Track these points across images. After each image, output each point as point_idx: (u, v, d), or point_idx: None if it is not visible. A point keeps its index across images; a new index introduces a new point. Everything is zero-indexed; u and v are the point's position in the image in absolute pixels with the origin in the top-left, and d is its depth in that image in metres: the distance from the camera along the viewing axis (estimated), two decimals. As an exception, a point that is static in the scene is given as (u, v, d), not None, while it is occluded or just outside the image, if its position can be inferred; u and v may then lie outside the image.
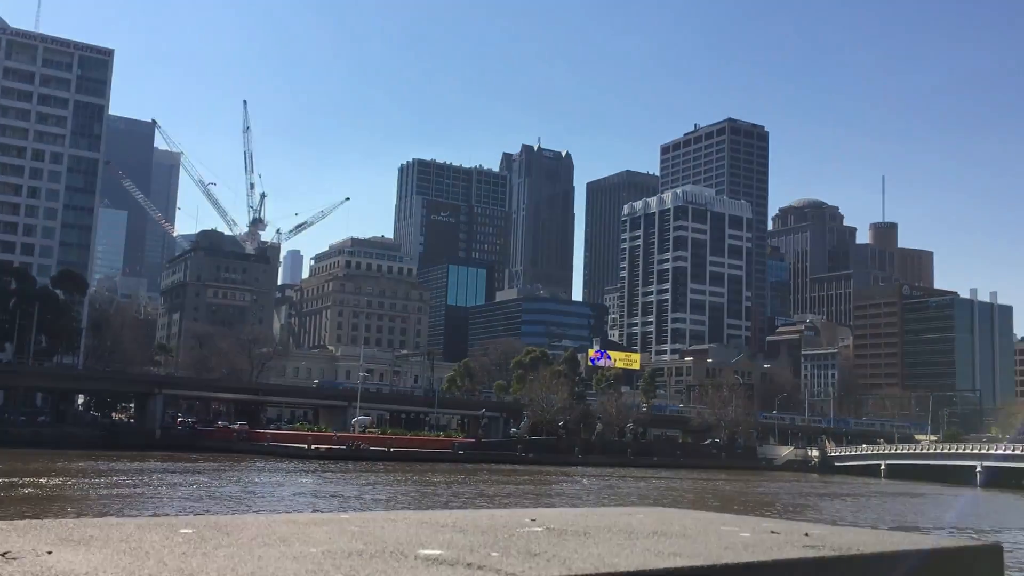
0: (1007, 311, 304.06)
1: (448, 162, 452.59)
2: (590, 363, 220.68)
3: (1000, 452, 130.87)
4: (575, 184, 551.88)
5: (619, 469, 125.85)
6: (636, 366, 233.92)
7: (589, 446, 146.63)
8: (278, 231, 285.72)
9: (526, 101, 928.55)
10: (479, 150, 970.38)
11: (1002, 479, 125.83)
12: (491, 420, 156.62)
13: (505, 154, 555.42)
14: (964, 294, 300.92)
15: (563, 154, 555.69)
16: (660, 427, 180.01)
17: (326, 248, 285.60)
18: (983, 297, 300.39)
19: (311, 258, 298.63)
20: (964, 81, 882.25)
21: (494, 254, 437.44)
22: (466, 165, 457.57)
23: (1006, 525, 62.66)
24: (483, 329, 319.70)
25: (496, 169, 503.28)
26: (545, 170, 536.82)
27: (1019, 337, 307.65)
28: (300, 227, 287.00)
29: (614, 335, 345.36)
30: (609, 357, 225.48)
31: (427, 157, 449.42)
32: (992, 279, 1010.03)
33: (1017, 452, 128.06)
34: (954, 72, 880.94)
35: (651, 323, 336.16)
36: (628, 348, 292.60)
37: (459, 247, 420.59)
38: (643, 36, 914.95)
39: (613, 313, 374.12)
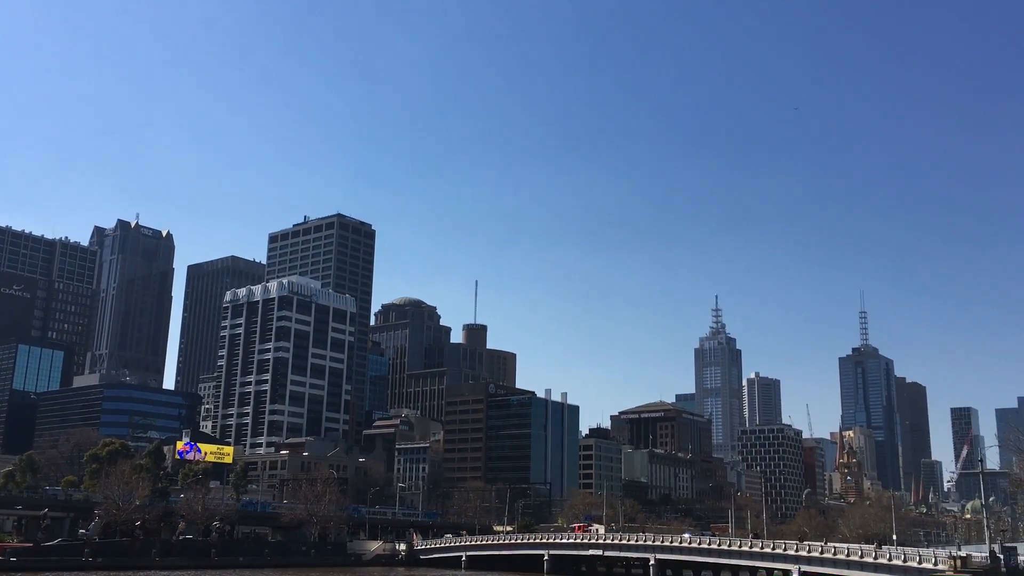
0: (575, 410, 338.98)
1: (27, 230, 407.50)
2: (178, 456, 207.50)
3: (563, 541, 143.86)
4: (175, 266, 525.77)
5: (201, 572, 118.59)
6: (229, 459, 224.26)
7: (169, 547, 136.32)
8: None
9: (125, 173, 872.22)
10: (66, 221, 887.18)
11: (565, 567, 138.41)
12: (55, 521, 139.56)
13: (97, 228, 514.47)
14: (540, 394, 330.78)
15: (164, 233, 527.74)
16: (250, 524, 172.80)
17: None
18: (556, 397, 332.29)
19: None
20: (546, 196, 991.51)
21: (75, 335, 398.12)
22: (49, 236, 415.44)
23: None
24: (56, 418, 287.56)
25: (85, 243, 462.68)
26: (142, 248, 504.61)
27: (583, 434, 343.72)
28: None
29: (207, 427, 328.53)
30: (199, 450, 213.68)
31: (1, 223, 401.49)
32: (563, 381, 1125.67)
33: (576, 541, 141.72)
34: (537, 189, 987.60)
35: (247, 414, 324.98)
36: (222, 440, 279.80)
37: (33, 325, 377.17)
38: (258, 121, 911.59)
39: (208, 403, 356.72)
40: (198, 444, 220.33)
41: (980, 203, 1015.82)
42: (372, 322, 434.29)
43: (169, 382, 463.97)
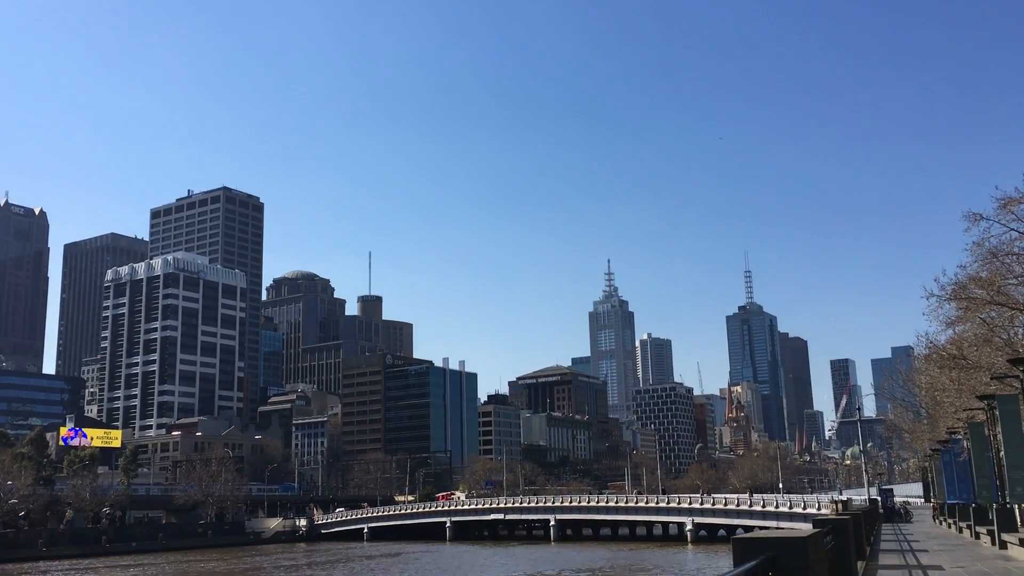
0: (473, 378, 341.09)
1: None
2: (62, 443, 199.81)
3: (464, 508, 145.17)
4: (50, 245, 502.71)
5: (92, 560, 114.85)
6: (117, 444, 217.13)
7: (56, 537, 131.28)
8: None
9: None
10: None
11: (468, 532, 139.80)
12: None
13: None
14: (438, 363, 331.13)
15: (36, 211, 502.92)
16: (142, 509, 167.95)
17: None
18: (454, 365, 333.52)
19: None
20: (437, 165, 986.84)
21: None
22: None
23: None
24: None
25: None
26: (14, 228, 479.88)
27: (482, 401, 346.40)
28: None
29: (92, 411, 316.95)
30: (85, 435, 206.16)
31: None
32: (460, 350, 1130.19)
33: (477, 507, 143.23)
34: (427, 158, 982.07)
35: (135, 397, 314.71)
36: (108, 424, 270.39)
37: None
38: (136, 90, 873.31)
39: (92, 387, 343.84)
40: (83, 429, 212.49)
41: (852, 166, 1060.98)
42: (264, 297, 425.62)
43: (49, 366, 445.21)
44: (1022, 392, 29.15)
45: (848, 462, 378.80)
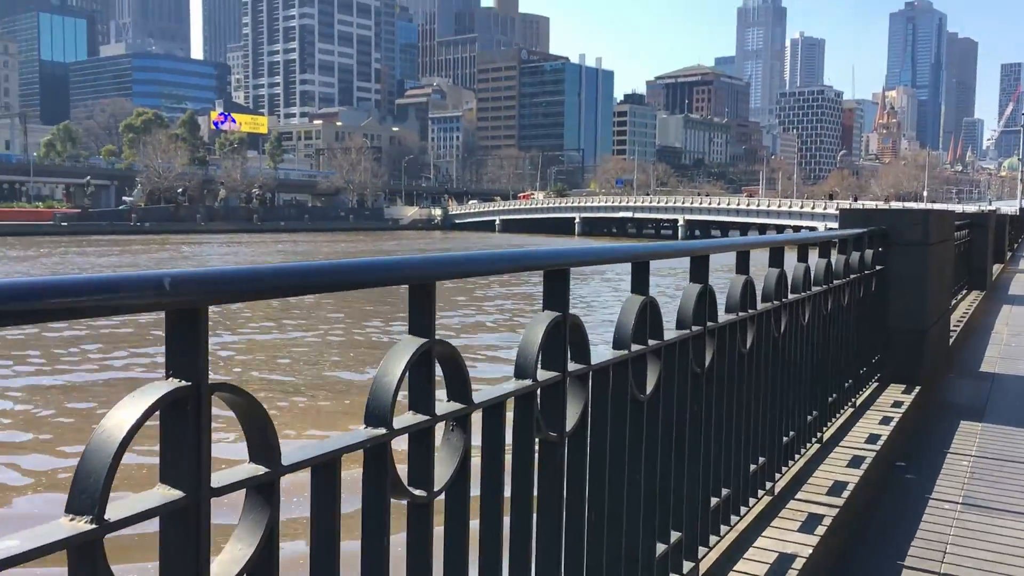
0: (609, 76, 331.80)
1: None
2: (213, 127, 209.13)
3: (593, 204, 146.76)
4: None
5: (245, 235, 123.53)
6: (263, 130, 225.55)
7: (213, 213, 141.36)
8: None
9: None
10: None
11: (596, 228, 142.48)
12: (100, 189, 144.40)
13: None
14: (574, 60, 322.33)
15: None
16: (289, 192, 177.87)
17: None
18: (590, 63, 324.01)
19: None
20: None
21: (95, 2, 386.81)
22: None
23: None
24: (87, 88, 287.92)
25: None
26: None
27: (618, 100, 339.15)
28: None
29: (239, 97, 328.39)
30: (234, 120, 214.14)
31: None
32: (598, 47, 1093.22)
33: (606, 204, 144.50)
34: None
35: (278, 85, 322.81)
36: (255, 111, 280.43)
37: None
38: None
39: (237, 73, 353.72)
40: (232, 114, 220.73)
41: None
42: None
43: (197, 51, 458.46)
44: None
45: (1004, 174, 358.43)
